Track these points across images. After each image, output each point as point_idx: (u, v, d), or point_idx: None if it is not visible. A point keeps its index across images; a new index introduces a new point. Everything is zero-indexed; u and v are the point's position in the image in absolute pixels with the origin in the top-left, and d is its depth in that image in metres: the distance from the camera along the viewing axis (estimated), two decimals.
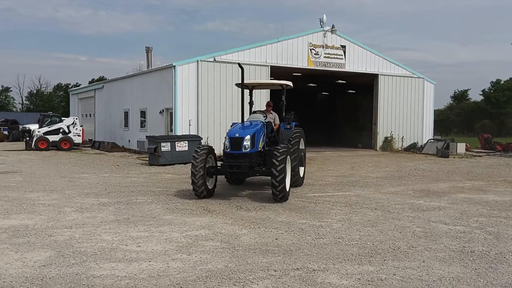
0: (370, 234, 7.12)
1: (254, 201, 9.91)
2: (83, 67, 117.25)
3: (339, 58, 25.30)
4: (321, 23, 24.65)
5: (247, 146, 9.84)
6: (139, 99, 26.02)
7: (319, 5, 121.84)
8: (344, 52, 25.38)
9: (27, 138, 26.93)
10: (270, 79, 22.84)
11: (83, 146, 28.60)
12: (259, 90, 15.78)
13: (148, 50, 30.98)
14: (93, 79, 70.56)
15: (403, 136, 27.73)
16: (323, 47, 24.73)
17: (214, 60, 21.95)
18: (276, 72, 24.05)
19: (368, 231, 7.31)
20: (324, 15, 24.65)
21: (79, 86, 57.42)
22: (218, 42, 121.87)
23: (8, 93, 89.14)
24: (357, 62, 25.93)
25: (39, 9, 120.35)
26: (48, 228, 7.24)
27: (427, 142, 26.67)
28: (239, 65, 10.17)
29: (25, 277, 4.98)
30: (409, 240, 6.79)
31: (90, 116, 34.32)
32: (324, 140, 32.60)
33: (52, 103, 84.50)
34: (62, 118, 29.03)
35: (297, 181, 11.56)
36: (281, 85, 12.11)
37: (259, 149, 10.22)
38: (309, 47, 24.33)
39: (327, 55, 24.90)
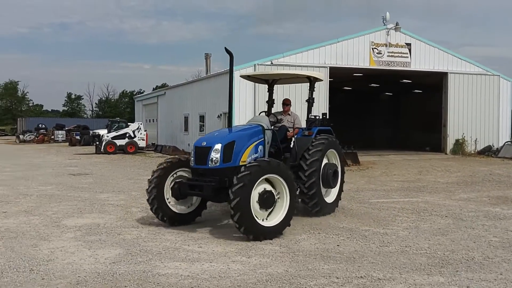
0: (440, 243, 6.88)
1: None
2: (147, 75, 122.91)
3: (404, 57, 24.61)
4: (384, 21, 24.14)
5: (215, 159, 7.22)
6: (198, 104, 26.83)
7: (380, 3, 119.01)
8: (410, 50, 24.67)
9: (97, 142, 28.69)
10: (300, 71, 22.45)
11: (147, 150, 29.95)
12: (286, 84, 11.73)
13: (207, 57, 31.91)
14: (157, 86, 73.50)
15: (476, 139, 26.38)
16: (386, 46, 24.20)
17: (271, 63, 22.18)
18: (336, 73, 23.86)
19: (438, 240, 7.08)
20: (387, 12, 24.13)
21: (143, 93, 60.09)
22: (275, 45, 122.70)
23: (80, 101, 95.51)
24: (423, 60, 25.08)
25: (107, 21, 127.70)
26: (117, 227, 7.74)
27: (504, 144, 25.18)
28: (226, 49, 7.66)
29: (97, 273, 5.39)
30: (485, 251, 6.50)
31: (153, 121, 35.85)
32: (388, 143, 31.81)
33: (118, 109, 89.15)
34: (128, 124, 30.64)
35: (321, 209, 8.51)
36: (308, 77, 9.43)
37: (244, 163, 7.28)
38: (371, 46, 23.91)
39: (390, 54, 24.32)
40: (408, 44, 24.68)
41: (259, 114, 9.36)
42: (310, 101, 9.30)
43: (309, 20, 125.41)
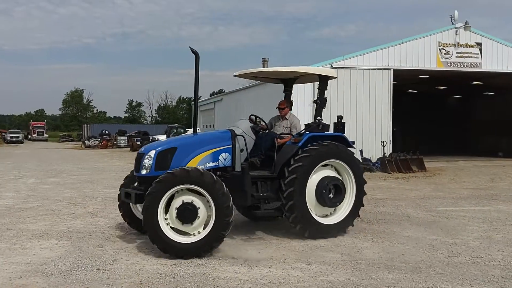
0: None
1: (376, 214, 9.73)
2: (203, 81, 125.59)
3: (474, 57, 23.53)
4: (452, 20, 23.24)
5: (147, 166, 6.79)
6: (254, 109, 26.89)
7: (447, 1, 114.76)
8: (480, 50, 23.54)
9: None
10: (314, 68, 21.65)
11: None
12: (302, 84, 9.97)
13: (264, 61, 32.13)
14: (213, 91, 75.15)
15: None
16: (454, 46, 23.25)
17: (331, 66, 21.96)
18: (400, 75, 23.26)
19: None
20: (456, 11, 23.22)
21: (200, 99, 61.55)
22: (334, 48, 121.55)
23: (140, 108, 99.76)
24: (496, 60, 23.83)
25: (166, 29, 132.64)
26: None
27: None
28: (191, 49, 7.19)
29: (159, 274, 5.60)
30: None
31: (210, 127, 36.64)
32: (457, 149, 30.46)
33: (176, 115, 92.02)
34: (186, 129, 31.55)
35: (307, 228, 7.21)
36: (319, 75, 8.13)
37: None
38: (438, 47, 23.08)
39: (459, 55, 23.34)
40: (479, 44, 23.56)
41: (250, 118, 8.51)
42: (318, 102, 7.95)
43: (371, 21, 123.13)
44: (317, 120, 7.84)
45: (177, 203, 6.30)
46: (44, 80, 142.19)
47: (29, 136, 70.80)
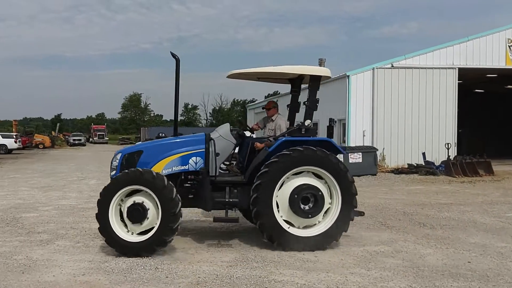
0: None
1: (439, 219, 9.39)
2: (258, 83, 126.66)
3: None
4: None
5: (113, 168, 7.24)
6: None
7: None
8: None
9: None
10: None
11: None
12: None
13: (321, 62, 31.86)
14: (268, 94, 75.52)
15: None
16: None
17: (392, 66, 21.44)
18: (465, 74, 22.33)
19: None
20: None
21: (254, 101, 62.20)
22: (395, 46, 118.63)
23: (196, 111, 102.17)
24: None
25: (222, 32, 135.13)
26: (232, 232, 8.10)
27: None
28: (172, 53, 7.26)
29: (216, 275, 5.69)
30: None
31: None
32: None
33: (230, 118, 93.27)
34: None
35: (275, 238, 6.78)
36: (310, 76, 7.62)
37: None
38: (507, 44, 21.94)
39: None
40: None
41: (238, 121, 8.42)
42: (307, 104, 7.53)
43: (434, 18, 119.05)
44: (305, 123, 7.35)
45: (129, 203, 6.51)
46: (104, 85, 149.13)
47: (90, 139, 74.44)
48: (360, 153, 18.48)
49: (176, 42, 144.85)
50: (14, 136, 41.78)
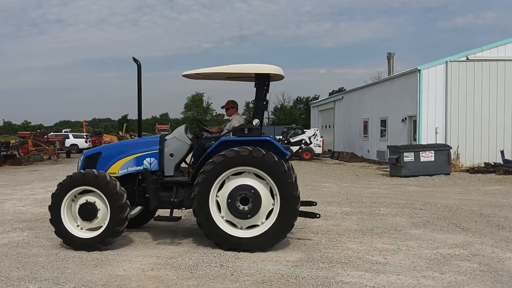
0: None
1: None
2: (322, 80, 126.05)
3: None
4: None
5: (78, 168, 7.76)
6: (379, 107, 26.34)
7: None
8: None
9: None
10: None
11: (323, 156, 30.61)
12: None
13: (389, 56, 31.20)
14: (333, 90, 74.66)
15: None
16: None
17: (467, 59, 20.52)
18: None
19: None
20: None
21: (318, 98, 61.94)
22: (471, 38, 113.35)
23: None
24: None
25: (285, 29, 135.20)
26: (297, 231, 8.10)
27: None
28: (133, 59, 7.61)
29: (281, 274, 5.74)
30: None
31: (329, 127, 36.43)
32: None
33: (293, 116, 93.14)
34: (304, 130, 31.84)
35: (214, 237, 6.91)
36: (256, 74, 7.54)
37: (114, 175, 7.40)
38: None
39: None
40: None
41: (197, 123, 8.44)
42: (254, 104, 7.56)
43: None
44: (254, 123, 7.31)
45: (80, 201, 6.98)
46: (167, 86, 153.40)
47: None
48: (433, 151, 17.88)
49: (238, 41, 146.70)
50: (85, 136, 44.65)
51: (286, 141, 8.37)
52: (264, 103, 7.48)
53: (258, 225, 6.88)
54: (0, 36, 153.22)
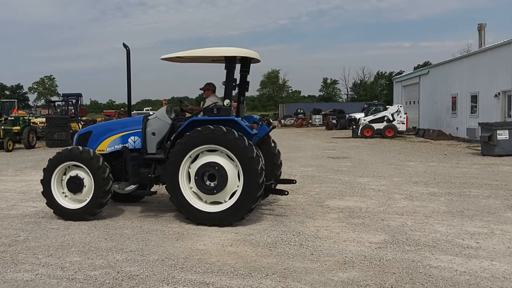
0: None
1: None
2: (406, 54, 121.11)
3: None
4: None
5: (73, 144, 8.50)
6: (469, 82, 24.87)
7: None
8: None
9: (353, 126, 29.84)
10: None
11: (407, 134, 29.51)
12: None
13: (480, 28, 29.20)
14: (418, 65, 71.48)
15: None
16: None
17: None
18: None
19: None
20: None
21: (402, 73, 59.62)
22: None
23: (335, 85, 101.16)
24: None
25: (365, 2, 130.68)
26: (379, 212, 7.89)
27: None
28: (123, 44, 8.17)
29: (364, 256, 5.60)
30: None
31: (414, 103, 34.95)
32: None
33: (374, 92, 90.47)
34: (387, 106, 30.79)
35: (198, 217, 7.25)
36: (227, 57, 7.74)
37: (102, 152, 8.05)
38: None
39: None
40: None
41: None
42: (224, 84, 7.77)
43: None
44: (224, 103, 7.63)
45: (70, 175, 7.67)
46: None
47: None
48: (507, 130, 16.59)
49: (316, 16, 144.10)
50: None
51: (265, 121, 8.79)
52: (234, 84, 7.80)
53: (221, 203, 7.24)
54: (88, 21, 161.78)
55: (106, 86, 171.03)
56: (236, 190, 7.17)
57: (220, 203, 7.25)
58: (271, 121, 13.70)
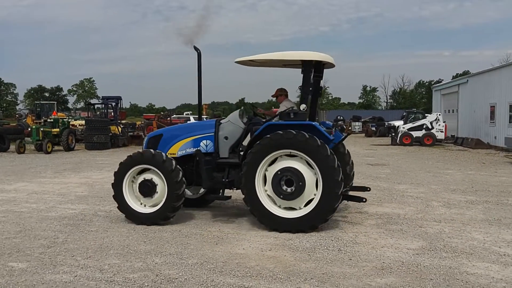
0: None
1: None
2: (446, 62, 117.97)
3: None
4: None
5: (143, 149, 8.00)
6: (507, 92, 24.00)
7: None
8: None
9: (393, 134, 29.29)
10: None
11: (445, 142, 28.70)
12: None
13: None
14: (457, 73, 69.42)
15: None
16: None
17: None
18: None
19: None
20: None
21: (441, 82, 58.11)
22: None
23: (375, 93, 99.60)
24: None
25: (405, 10, 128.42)
26: (417, 219, 7.75)
27: None
28: (194, 47, 7.82)
29: (401, 262, 5.53)
30: None
31: (453, 112, 33.96)
32: None
33: (413, 100, 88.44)
34: (426, 115, 30.06)
35: (256, 216, 7.08)
36: (304, 61, 7.36)
37: (174, 155, 7.77)
38: None
39: None
40: None
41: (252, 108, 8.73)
42: (301, 89, 7.47)
43: None
44: (301, 108, 7.28)
45: (140, 179, 7.41)
46: (283, 69, 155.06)
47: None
48: None
49: (356, 23, 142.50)
50: (205, 119, 45.90)
51: (338, 128, 8.44)
52: (311, 88, 7.50)
53: (295, 209, 6.94)
54: (128, 23, 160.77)
55: (146, 90, 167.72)
56: (313, 198, 6.84)
57: (295, 209, 6.94)
58: (344, 127, 13.54)
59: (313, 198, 6.84)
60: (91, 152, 22.45)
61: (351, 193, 7.97)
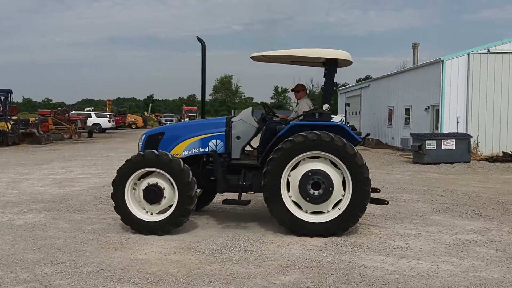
0: None
1: None
2: (351, 67, 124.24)
3: None
4: None
5: (139, 148, 7.34)
6: (403, 96, 25.82)
7: None
8: None
9: None
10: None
11: None
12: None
13: (414, 46, 30.38)
14: (360, 78, 73.34)
15: None
16: None
17: (488, 51, 19.89)
18: None
19: None
20: None
21: (346, 85, 61.06)
22: (493, 31, 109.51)
23: (286, 94, 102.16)
24: None
25: (315, 16, 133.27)
26: None
27: None
28: (198, 38, 7.11)
29: (305, 258, 5.68)
30: None
31: (356, 114, 35.88)
32: None
33: (319, 101, 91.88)
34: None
35: (278, 220, 6.70)
36: (326, 59, 7.07)
37: (178, 156, 6.95)
38: None
39: None
40: None
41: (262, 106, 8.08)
42: (324, 88, 7.29)
43: None
44: (324, 108, 6.91)
45: (143, 185, 6.56)
46: (195, 67, 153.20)
47: (182, 120, 76.97)
48: (454, 140, 17.44)
49: (269, 24, 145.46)
50: (108, 116, 41.60)
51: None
52: (335, 88, 7.19)
53: (323, 212, 6.59)
54: (22, 11, 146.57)
55: (42, 83, 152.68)
56: (340, 200, 6.53)
57: (322, 213, 6.56)
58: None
59: (341, 200, 6.54)
60: None
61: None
